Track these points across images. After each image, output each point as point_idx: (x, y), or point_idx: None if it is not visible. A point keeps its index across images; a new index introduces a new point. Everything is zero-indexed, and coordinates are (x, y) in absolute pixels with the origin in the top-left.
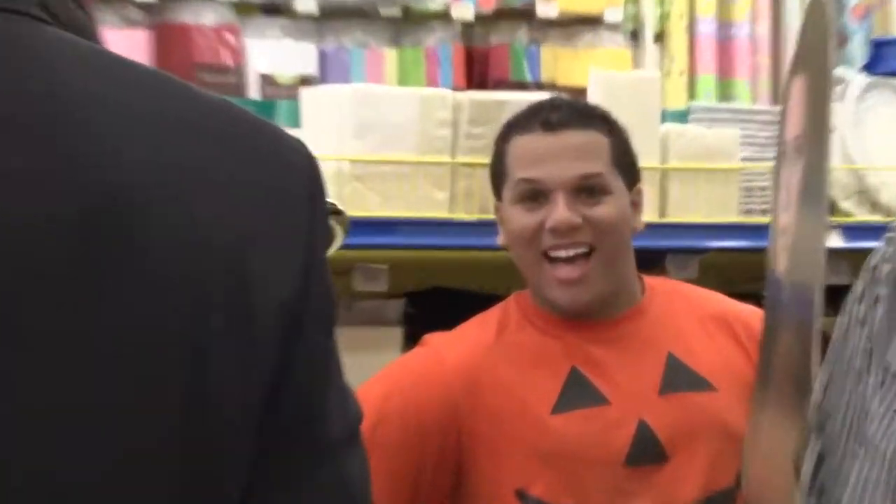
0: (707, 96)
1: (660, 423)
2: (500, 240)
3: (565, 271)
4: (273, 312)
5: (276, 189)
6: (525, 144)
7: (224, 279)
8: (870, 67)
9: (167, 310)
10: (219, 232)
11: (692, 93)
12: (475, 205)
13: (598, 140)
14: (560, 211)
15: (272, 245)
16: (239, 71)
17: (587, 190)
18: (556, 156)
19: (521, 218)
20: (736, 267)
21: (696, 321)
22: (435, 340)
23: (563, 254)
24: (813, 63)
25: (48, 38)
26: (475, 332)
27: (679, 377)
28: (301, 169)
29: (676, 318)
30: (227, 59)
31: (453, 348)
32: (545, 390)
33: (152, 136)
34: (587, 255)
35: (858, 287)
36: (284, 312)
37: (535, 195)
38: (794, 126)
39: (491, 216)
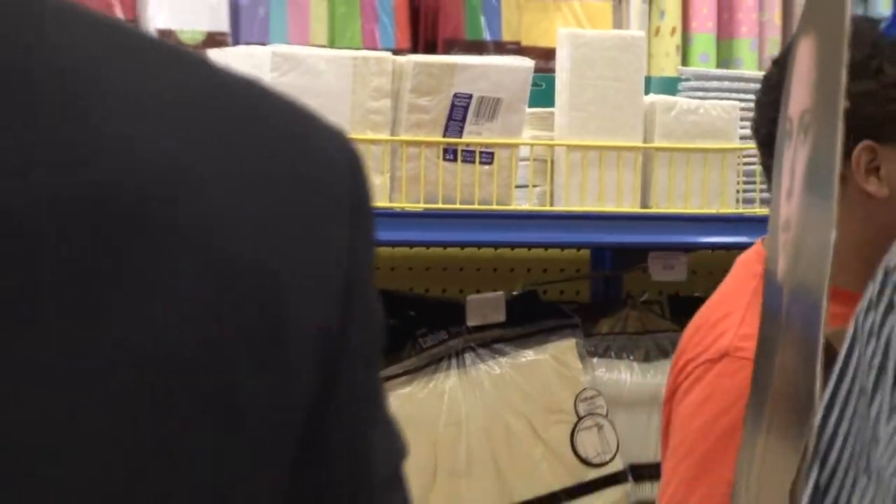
0: (703, 60)
1: None
2: (880, 191)
3: None
4: (309, 342)
5: (313, 199)
6: None
7: (251, 301)
8: (892, 28)
9: (181, 335)
10: (243, 244)
11: (685, 56)
12: (420, 192)
13: None
14: None
15: (307, 261)
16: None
17: None
18: None
19: None
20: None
21: None
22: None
23: None
24: (825, 20)
25: (47, 4)
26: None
27: None
28: (342, 170)
29: None
30: (118, 12)
31: None
32: None
33: (161, 122)
34: None
35: (869, 293)
36: (323, 342)
37: None
38: (801, 98)
39: (440, 206)
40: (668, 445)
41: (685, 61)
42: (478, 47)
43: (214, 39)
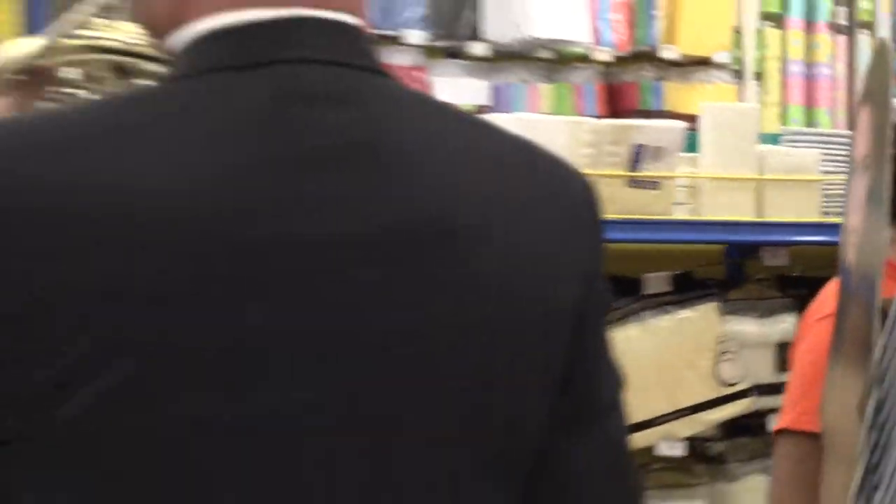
0: (795, 123)
1: None
2: None
3: None
4: (568, 312)
5: (567, 216)
6: None
7: (531, 287)
8: None
9: (487, 306)
10: (525, 251)
11: (783, 120)
12: (616, 207)
13: None
14: None
15: (565, 261)
16: None
17: None
18: None
19: None
20: (818, 257)
21: None
22: None
23: None
24: (876, 97)
25: (379, 87)
26: None
27: None
28: (584, 199)
29: None
30: None
31: None
32: None
33: (468, 171)
34: None
35: None
36: (575, 312)
37: None
38: (862, 147)
39: (627, 216)
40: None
41: (783, 123)
42: (648, 114)
43: (480, 110)
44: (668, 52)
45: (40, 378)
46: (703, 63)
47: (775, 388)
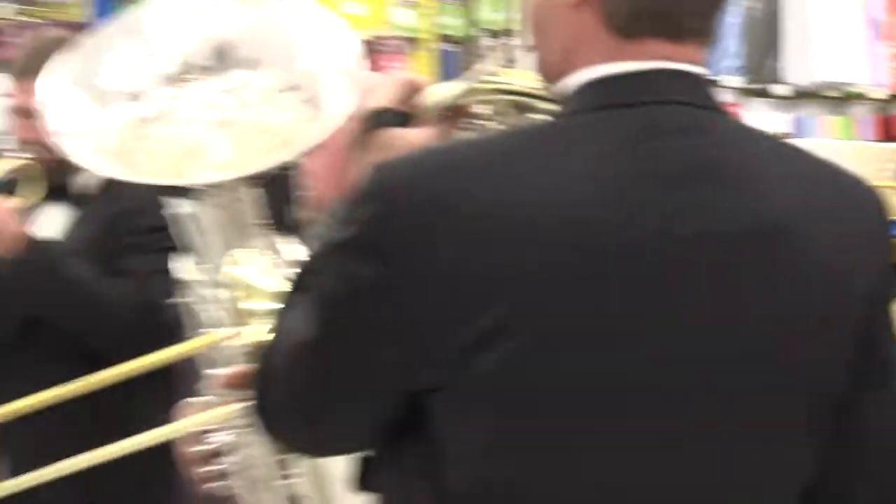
0: None
1: None
2: None
3: None
4: (864, 296)
5: (862, 220)
6: None
7: (838, 276)
8: None
9: (809, 292)
10: (834, 253)
11: None
12: (890, 212)
13: None
14: None
15: (862, 255)
16: None
17: None
18: None
19: None
20: None
21: None
22: None
23: None
24: None
25: (719, 121)
26: None
27: None
28: (876, 205)
29: None
30: None
31: None
32: None
33: (787, 184)
34: None
35: None
36: (869, 300)
37: None
38: None
39: None
40: None
41: None
42: None
43: (784, 138)
44: None
45: (457, 342)
46: None
47: None
